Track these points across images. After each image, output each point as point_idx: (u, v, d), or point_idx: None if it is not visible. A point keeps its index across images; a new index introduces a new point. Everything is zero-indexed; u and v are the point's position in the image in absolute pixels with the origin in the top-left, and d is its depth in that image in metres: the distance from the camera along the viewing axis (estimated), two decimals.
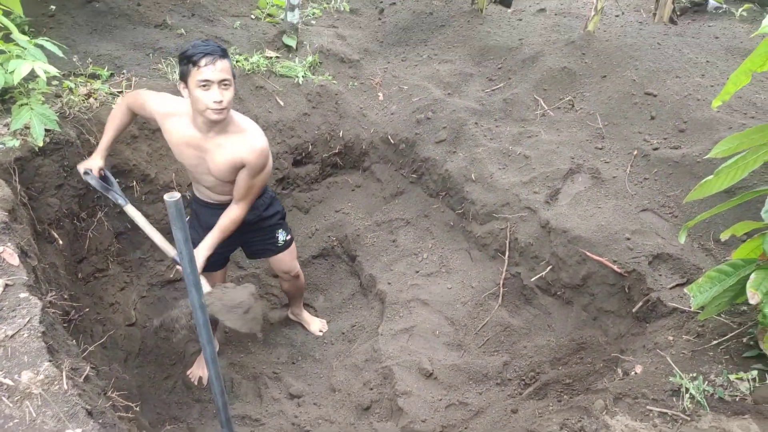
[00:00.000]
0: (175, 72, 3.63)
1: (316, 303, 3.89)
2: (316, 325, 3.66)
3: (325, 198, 4.26)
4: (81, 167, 2.71)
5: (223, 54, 2.31)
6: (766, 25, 1.54)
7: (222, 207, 2.71)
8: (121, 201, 2.68)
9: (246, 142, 2.46)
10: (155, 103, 2.57)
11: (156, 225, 3.47)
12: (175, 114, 2.51)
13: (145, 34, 4.07)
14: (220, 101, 2.30)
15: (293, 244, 3.21)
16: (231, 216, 2.64)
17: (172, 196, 1.69)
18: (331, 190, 4.26)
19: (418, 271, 3.59)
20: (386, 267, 3.71)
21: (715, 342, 2.28)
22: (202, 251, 2.61)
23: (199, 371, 3.27)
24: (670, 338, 2.45)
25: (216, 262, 2.86)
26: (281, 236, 3.07)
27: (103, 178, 2.73)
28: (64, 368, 1.82)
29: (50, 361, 1.81)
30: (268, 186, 3.03)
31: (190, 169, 2.65)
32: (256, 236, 3.00)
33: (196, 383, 3.25)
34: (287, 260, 3.18)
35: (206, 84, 2.27)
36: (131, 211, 2.66)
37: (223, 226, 2.64)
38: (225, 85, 2.31)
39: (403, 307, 3.37)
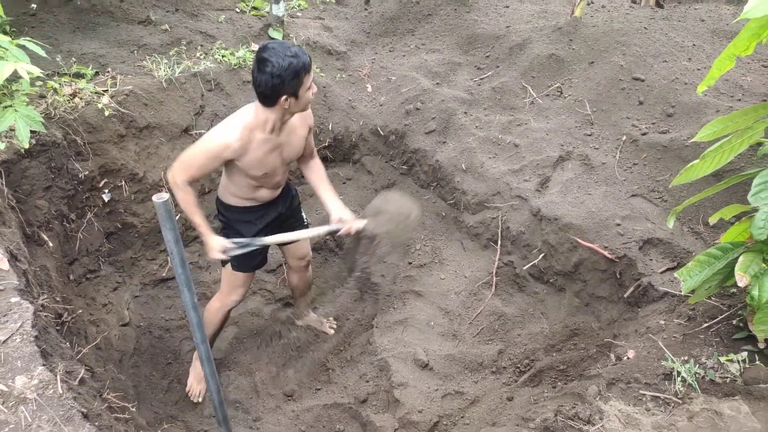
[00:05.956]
0: (160, 68, 3.59)
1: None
2: (325, 324, 3.50)
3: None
4: (218, 253, 2.50)
5: None
6: (748, 10, 1.54)
7: (286, 189, 2.82)
8: (267, 240, 2.58)
9: (302, 114, 2.54)
10: (230, 145, 2.34)
11: (147, 224, 3.48)
12: (248, 137, 2.37)
13: (128, 31, 4.02)
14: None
15: None
16: (320, 166, 2.81)
17: (160, 197, 1.68)
18: None
19: (411, 263, 3.60)
20: (379, 259, 3.71)
21: (705, 325, 2.31)
22: (339, 207, 2.69)
23: (197, 385, 3.13)
24: (662, 322, 2.48)
25: (262, 260, 2.94)
26: (304, 214, 3.05)
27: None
28: (59, 372, 1.82)
29: (44, 365, 1.80)
30: None
31: (265, 176, 2.54)
32: (293, 221, 2.93)
33: (199, 400, 3.10)
34: (306, 242, 3.13)
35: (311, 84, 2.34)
36: (277, 238, 2.61)
37: (325, 176, 2.80)
38: None
39: (397, 299, 3.38)
